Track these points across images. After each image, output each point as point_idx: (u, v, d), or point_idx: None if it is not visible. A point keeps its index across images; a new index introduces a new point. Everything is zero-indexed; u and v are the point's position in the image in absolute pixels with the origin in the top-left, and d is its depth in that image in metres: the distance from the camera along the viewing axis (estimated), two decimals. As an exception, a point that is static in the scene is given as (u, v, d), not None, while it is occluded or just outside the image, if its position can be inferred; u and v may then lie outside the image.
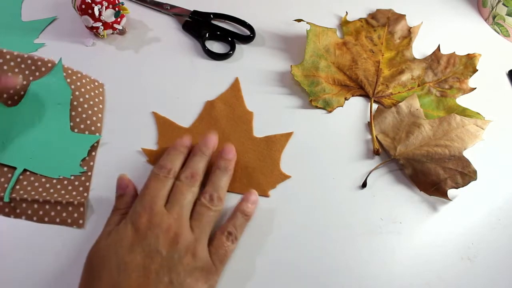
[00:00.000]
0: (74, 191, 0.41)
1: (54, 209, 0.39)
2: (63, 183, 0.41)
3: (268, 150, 0.45)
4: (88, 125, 0.44)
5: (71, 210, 0.39)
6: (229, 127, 0.46)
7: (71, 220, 0.39)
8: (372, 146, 0.46)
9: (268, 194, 0.42)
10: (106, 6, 0.49)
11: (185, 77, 0.50)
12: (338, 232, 0.41)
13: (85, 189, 0.41)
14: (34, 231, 0.39)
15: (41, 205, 0.39)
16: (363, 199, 0.43)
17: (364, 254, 0.40)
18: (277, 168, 0.44)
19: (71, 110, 0.44)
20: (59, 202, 0.39)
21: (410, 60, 0.53)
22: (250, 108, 0.48)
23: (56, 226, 0.39)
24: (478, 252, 0.41)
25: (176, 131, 0.46)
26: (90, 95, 0.46)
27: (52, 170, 0.41)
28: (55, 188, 0.41)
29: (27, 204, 0.39)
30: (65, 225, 0.39)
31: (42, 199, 0.39)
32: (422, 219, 0.42)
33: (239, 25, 0.56)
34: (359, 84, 0.50)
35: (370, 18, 0.57)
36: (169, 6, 0.56)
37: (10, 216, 0.39)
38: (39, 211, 0.39)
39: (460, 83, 0.51)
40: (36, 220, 0.39)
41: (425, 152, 0.44)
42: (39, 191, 0.40)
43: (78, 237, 0.39)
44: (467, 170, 0.43)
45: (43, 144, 0.42)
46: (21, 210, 0.39)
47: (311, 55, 0.51)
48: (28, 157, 0.41)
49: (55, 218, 0.39)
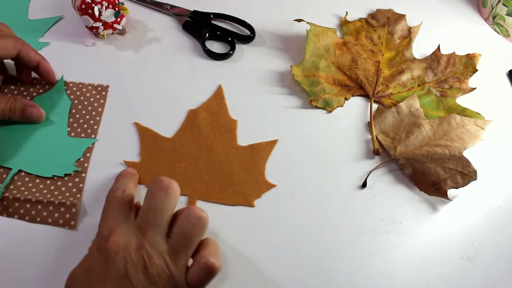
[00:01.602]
0: (67, 191, 0.41)
1: (46, 209, 0.39)
2: (56, 183, 0.41)
3: (253, 159, 0.44)
4: (85, 128, 0.45)
5: (63, 210, 0.39)
6: (212, 136, 0.45)
7: (63, 221, 0.39)
8: (372, 146, 0.46)
9: (253, 204, 0.42)
10: (106, 6, 0.49)
11: (185, 77, 0.50)
12: (338, 232, 0.41)
13: (78, 190, 0.41)
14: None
15: (33, 205, 0.39)
16: (363, 199, 0.43)
17: (364, 254, 0.40)
18: (262, 177, 0.43)
19: (69, 118, 0.45)
20: (51, 202, 0.40)
21: (410, 60, 0.53)
22: (250, 108, 0.48)
23: (49, 226, 0.39)
24: (478, 252, 0.41)
25: (158, 142, 0.45)
26: (89, 101, 0.47)
27: (46, 169, 0.42)
28: (48, 189, 0.41)
29: (20, 204, 0.39)
30: (57, 225, 0.39)
31: (34, 198, 0.39)
32: (422, 219, 0.42)
33: (239, 25, 0.56)
34: (359, 84, 0.50)
35: (370, 18, 0.57)
36: (169, 6, 0.56)
37: (2, 215, 0.39)
38: (31, 210, 0.39)
39: (460, 83, 0.51)
40: (28, 220, 0.39)
41: (425, 152, 0.44)
42: (32, 191, 0.40)
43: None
44: (467, 170, 0.43)
45: (39, 146, 0.43)
46: (14, 209, 0.39)
47: (311, 55, 0.51)
48: (23, 158, 0.42)
49: (47, 219, 0.39)
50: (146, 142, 0.45)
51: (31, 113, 0.43)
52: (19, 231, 0.39)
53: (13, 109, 0.43)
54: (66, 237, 0.39)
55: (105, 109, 0.47)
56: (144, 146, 0.44)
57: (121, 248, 0.32)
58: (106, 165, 0.43)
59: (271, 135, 0.46)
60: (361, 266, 0.39)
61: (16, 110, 0.43)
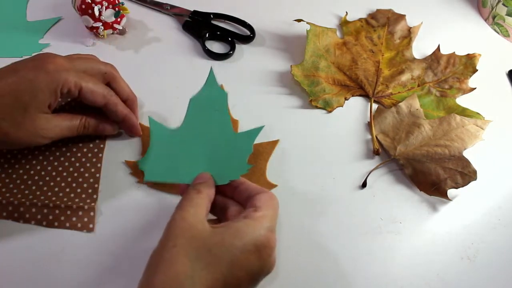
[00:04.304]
0: (84, 193, 0.41)
1: (64, 214, 0.39)
2: (71, 185, 0.41)
3: (254, 160, 0.44)
4: None
5: (81, 214, 0.39)
6: None
7: (81, 224, 0.39)
8: (372, 146, 0.46)
9: None
10: (106, 6, 0.49)
11: (185, 77, 0.50)
12: (338, 232, 0.41)
13: (94, 191, 0.41)
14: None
15: (51, 210, 0.39)
16: (363, 199, 0.43)
17: (364, 254, 0.40)
18: (263, 177, 0.43)
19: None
20: (69, 207, 0.39)
21: (410, 60, 0.53)
22: (250, 108, 0.48)
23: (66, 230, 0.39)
24: (478, 251, 0.41)
25: None
26: None
27: (221, 176, 0.38)
28: (64, 191, 0.40)
29: (37, 209, 0.39)
30: (75, 229, 0.39)
31: (52, 203, 0.39)
32: (422, 219, 0.42)
33: (239, 25, 0.56)
34: (359, 84, 0.50)
35: (370, 18, 0.57)
36: (169, 6, 0.56)
37: (19, 221, 0.39)
38: (48, 216, 0.39)
39: (460, 83, 0.51)
40: (45, 225, 0.39)
41: (425, 152, 0.44)
42: (48, 195, 0.40)
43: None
44: (467, 170, 0.43)
45: (213, 153, 0.40)
46: (31, 215, 0.39)
47: (311, 55, 0.51)
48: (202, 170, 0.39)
49: (65, 223, 0.39)
50: (148, 141, 0.45)
51: (104, 128, 0.43)
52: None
53: (87, 126, 0.42)
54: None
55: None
56: (146, 145, 0.44)
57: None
58: (107, 165, 0.43)
59: (270, 135, 0.46)
60: (361, 266, 0.39)
61: (90, 127, 0.42)
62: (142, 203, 0.41)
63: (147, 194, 0.42)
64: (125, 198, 0.41)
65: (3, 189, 0.40)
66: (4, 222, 0.39)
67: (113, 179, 0.42)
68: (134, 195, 0.42)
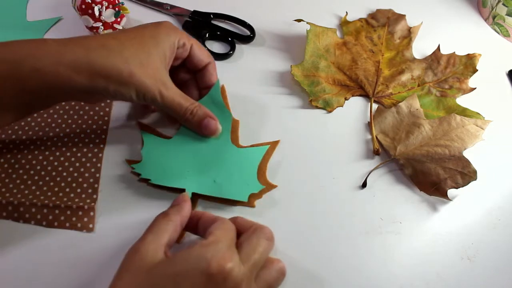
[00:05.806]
0: (83, 193, 0.41)
1: (64, 214, 0.39)
2: (71, 185, 0.41)
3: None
4: (94, 129, 0.45)
5: (81, 214, 0.39)
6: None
7: (81, 224, 0.39)
8: (372, 146, 0.46)
9: (254, 205, 0.41)
10: (106, 6, 0.49)
11: (185, 77, 0.50)
12: (338, 232, 0.41)
13: (94, 190, 0.41)
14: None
15: (50, 210, 0.39)
16: (363, 199, 0.43)
17: (364, 254, 0.40)
18: (264, 177, 0.43)
19: (78, 119, 0.45)
20: (69, 207, 0.39)
21: (410, 60, 0.53)
22: (250, 108, 0.48)
23: (66, 230, 0.39)
24: (478, 251, 0.41)
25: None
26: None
27: (236, 192, 0.40)
28: (63, 191, 0.40)
29: (37, 209, 0.39)
30: (75, 229, 0.39)
31: (52, 203, 0.39)
32: (422, 219, 0.42)
33: (239, 25, 0.56)
34: (359, 84, 0.50)
35: (370, 18, 0.57)
36: (169, 6, 0.56)
37: (19, 221, 0.39)
38: (48, 215, 0.39)
39: (460, 83, 0.51)
40: (45, 225, 0.39)
41: (425, 152, 0.44)
42: (48, 195, 0.40)
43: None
44: (467, 170, 0.43)
45: (220, 166, 0.42)
46: (30, 215, 0.39)
47: (311, 55, 0.51)
48: (210, 183, 0.41)
49: (65, 223, 0.39)
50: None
51: (208, 123, 0.41)
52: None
53: (195, 113, 0.41)
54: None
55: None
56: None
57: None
58: (109, 164, 0.43)
59: (270, 135, 0.46)
60: (361, 266, 0.39)
61: (196, 115, 0.41)
62: (142, 203, 0.41)
63: (147, 194, 0.42)
64: (125, 198, 0.41)
65: (3, 189, 0.40)
66: (4, 222, 0.39)
67: (113, 179, 0.42)
68: (134, 195, 0.42)
